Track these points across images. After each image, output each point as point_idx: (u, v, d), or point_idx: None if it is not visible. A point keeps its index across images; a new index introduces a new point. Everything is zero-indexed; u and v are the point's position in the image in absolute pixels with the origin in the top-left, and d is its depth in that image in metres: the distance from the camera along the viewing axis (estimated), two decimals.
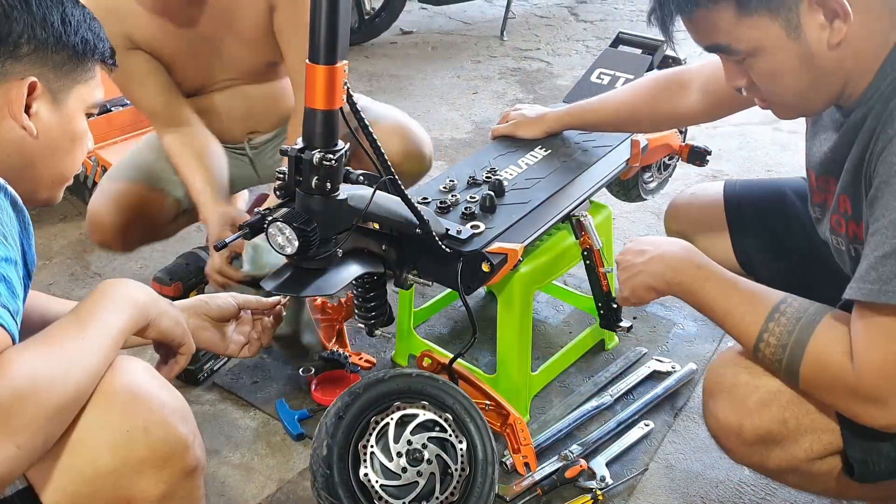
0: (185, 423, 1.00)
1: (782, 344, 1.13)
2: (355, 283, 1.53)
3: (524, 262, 1.58)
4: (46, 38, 1.02)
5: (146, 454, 0.95)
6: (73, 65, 1.06)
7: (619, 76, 2.01)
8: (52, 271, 2.30)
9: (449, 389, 1.41)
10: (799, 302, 1.14)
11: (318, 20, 1.14)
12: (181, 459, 0.99)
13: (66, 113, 1.07)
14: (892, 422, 1.05)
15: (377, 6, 4.21)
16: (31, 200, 1.12)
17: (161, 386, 1.01)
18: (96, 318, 0.96)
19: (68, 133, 1.08)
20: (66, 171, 1.12)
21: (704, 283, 1.24)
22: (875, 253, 1.03)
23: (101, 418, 0.93)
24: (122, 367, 0.98)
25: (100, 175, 2.47)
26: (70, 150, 1.10)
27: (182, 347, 1.15)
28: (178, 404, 1.01)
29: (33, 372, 0.84)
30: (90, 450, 0.93)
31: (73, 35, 1.05)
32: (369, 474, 1.32)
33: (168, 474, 0.98)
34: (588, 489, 1.53)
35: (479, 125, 3.28)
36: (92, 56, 1.08)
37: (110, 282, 1.04)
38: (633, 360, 1.90)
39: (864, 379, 1.04)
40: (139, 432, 0.95)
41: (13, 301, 0.88)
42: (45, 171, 1.09)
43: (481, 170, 1.77)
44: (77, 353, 0.91)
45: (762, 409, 1.18)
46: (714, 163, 2.74)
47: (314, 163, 1.22)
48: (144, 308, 1.05)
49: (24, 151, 1.04)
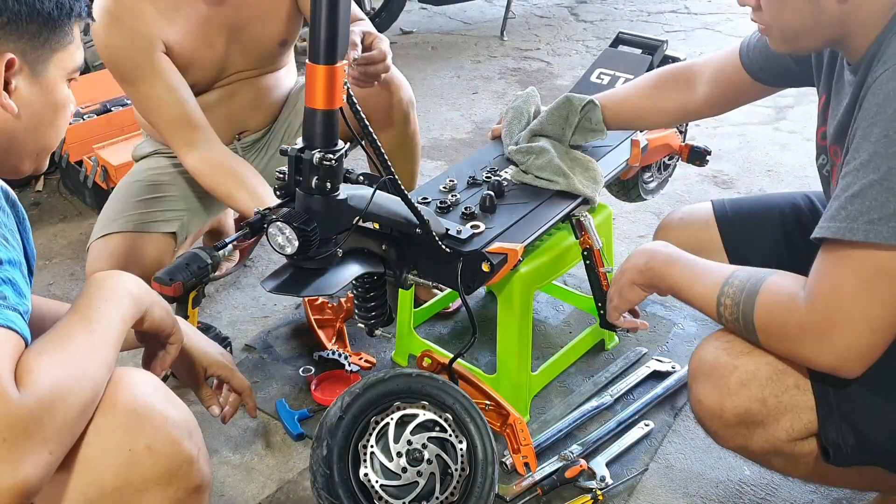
0: (190, 439, 0.99)
1: (736, 302, 1.18)
2: (355, 283, 1.52)
3: (524, 262, 1.58)
4: (19, 9, 0.96)
5: (150, 473, 0.94)
6: (49, 32, 1.00)
7: (619, 76, 2.01)
8: (52, 271, 2.30)
9: (449, 389, 1.41)
10: (750, 268, 1.21)
11: (318, 20, 1.14)
12: (186, 476, 0.98)
13: (47, 84, 1.03)
14: (836, 359, 1.08)
15: (377, 6, 4.22)
16: (16, 174, 1.09)
17: (165, 399, 0.99)
18: (99, 313, 0.96)
19: (50, 104, 1.04)
20: (51, 141, 1.08)
21: (672, 266, 1.32)
22: (845, 193, 1.07)
23: (104, 438, 0.92)
24: (124, 380, 0.96)
25: (100, 175, 2.47)
26: (53, 120, 1.06)
27: (172, 337, 1.14)
28: (183, 418, 0.99)
29: (55, 379, 0.85)
30: (93, 471, 0.92)
31: (47, 1, 0.99)
32: (369, 474, 1.32)
33: (173, 491, 0.97)
34: (588, 489, 1.53)
35: (479, 125, 3.28)
36: (68, 18, 1.03)
37: (102, 275, 1.03)
38: (633, 360, 1.90)
39: (811, 308, 1.08)
40: (142, 451, 0.94)
41: (22, 302, 0.88)
42: (30, 146, 1.05)
43: (481, 170, 1.77)
44: (89, 350, 0.91)
45: (741, 389, 1.21)
46: (714, 163, 2.74)
47: (314, 163, 1.22)
48: (139, 299, 1.05)
49: (6, 129, 1.01)
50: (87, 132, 2.60)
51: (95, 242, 1.78)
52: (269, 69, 1.91)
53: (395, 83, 1.87)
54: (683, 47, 4.02)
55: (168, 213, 1.84)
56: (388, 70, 1.65)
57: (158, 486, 0.95)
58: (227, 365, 1.28)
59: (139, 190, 1.86)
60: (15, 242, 0.92)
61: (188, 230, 1.89)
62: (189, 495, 0.99)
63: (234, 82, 1.87)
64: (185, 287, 1.63)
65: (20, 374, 0.83)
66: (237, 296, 2.18)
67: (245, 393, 1.31)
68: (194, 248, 2.01)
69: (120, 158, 2.44)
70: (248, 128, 1.96)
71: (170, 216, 1.84)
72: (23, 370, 0.83)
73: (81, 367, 0.88)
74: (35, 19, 0.98)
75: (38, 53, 1.00)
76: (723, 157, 2.93)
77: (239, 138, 1.96)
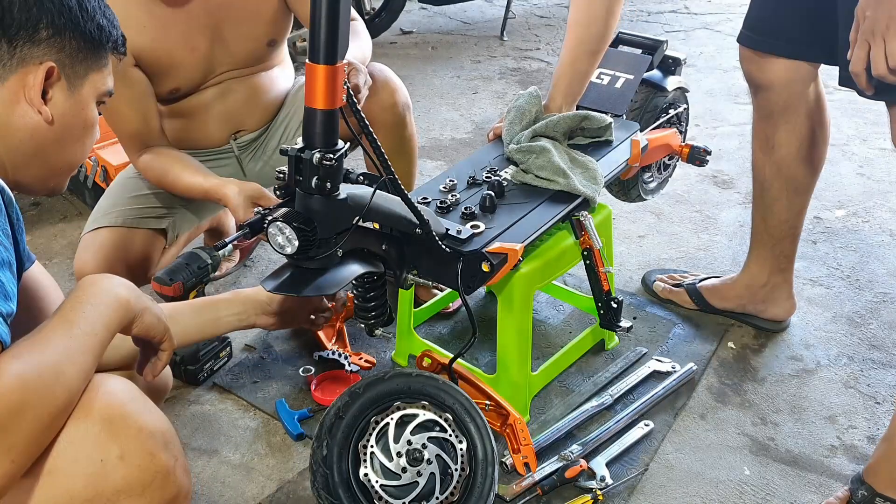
0: (166, 449, 0.96)
1: None
2: (355, 283, 1.53)
3: (524, 262, 1.58)
4: (64, 24, 1.02)
5: (122, 484, 0.92)
6: (88, 51, 1.06)
7: (619, 76, 2.01)
8: (52, 271, 2.28)
9: (449, 389, 1.41)
10: None
11: (318, 20, 1.14)
12: (161, 488, 0.95)
13: (80, 100, 1.07)
14: None
15: (377, 6, 4.21)
16: (38, 189, 1.13)
17: (142, 408, 0.97)
18: (83, 318, 0.94)
19: (81, 120, 1.08)
20: (75, 159, 1.12)
21: None
22: None
23: (76, 446, 0.90)
24: (101, 388, 0.94)
25: (100, 175, 2.47)
26: (80, 137, 1.10)
27: (163, 344, 1.12)
28: (160, 428, 0.97)
29: (25, 384, 0.82)
30: (64, 479, 0.90)
31: (90, 21, 1.05)
32: (369, 474, 1.32)
33: (146, 502, 0.95)
34: (588, 489, 1.53)
35: (479, 125, 3.28)
36: (107, 43, 1.09)
37: (92, 278, 1.01)
38: (633, 360, 1.90)
39: None
40: (115, 461, 0.91)
41: (6, 304, 0.87)
42: (55, 159, 1.08)
43: (481, 170, 1.77)
44: (66, 356, 0.89)
45: None
46: (714, 163, 2.74)
47: (314, 163, 1.22)
48: (128, 304, 1.02)
49: (37, 137, 1.04)
50: None
51: (86, 235, 1.82)
52: (260, 68, 1.91)
53: (390, 87, 1.87)
54: (683, 47, 4.02)
55: (160, 209, 1.86)
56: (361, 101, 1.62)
57: (131, 497, 0.93)
58: None
59: (133, 186, 1.88)
60: (8, 243, 0.91)
61: (179, 228, 1.90)
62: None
63: (227, 80, 1.86)
64: (185, 287, 1.63)
65: None
66: None
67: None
68: (194, 248, 2.01)
69: (120, 158, 2.43)
70: (244, 126, 1.96)
71: (161, 213, 1.86)
72: None
73: (55, 374, 0.86)
74: (77, 37, 1.04)
75: (77, 69, 1.06)
76: (723, 157, 2.93)
77: (235, 138, 1.96)
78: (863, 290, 2.18)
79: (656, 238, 2.44)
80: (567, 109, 1.84)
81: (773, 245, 1.94)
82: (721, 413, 1.76)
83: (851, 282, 2.21)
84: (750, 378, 1.86)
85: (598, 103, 1.97)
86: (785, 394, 1.82)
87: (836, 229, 2.49)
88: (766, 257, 1.96)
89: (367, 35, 1.84)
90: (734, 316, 2.03)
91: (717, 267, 2.28)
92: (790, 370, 1.89)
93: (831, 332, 2.02)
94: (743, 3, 1.89)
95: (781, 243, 1.93)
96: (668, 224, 2.52)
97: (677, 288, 2.09)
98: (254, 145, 2.00)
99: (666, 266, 2.28)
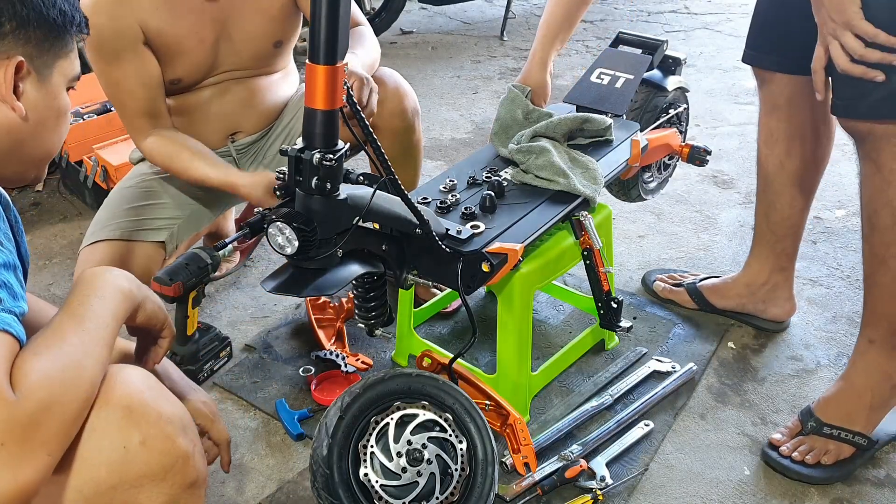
0: (184, 434, 0.99)
1: None
2: (355, 283, 1.53)
3: (524, 262, 1.58)
4: (27, 15, 0.99)
5: (144, 469, 0.94)
6: (53, 39, 1.04)
7: (620, 76, 2.01)
8: (52, 271, 2.30)
9: (449, 389, 1.41)
10: None
11: (318, 20, 1.14)
12: (181, 472, 0.98)
13: (51, 90, 1.05)
14: None
15: (377, 6, 4.21)
16: (18, 181, 1.11)
17: (159, 395, 0.99)
18: (92, 312, 0.96)
19: (54, 110, 1.07)
20: (52, 148, 1.11)
21: None
22: None
23: (99, 435, 0.92)
24: (118, 377, 0.96)
25: (100, 175, 2.47)
26: (55, 126, 1.08)
27: (164, 331, 1.14)
28: (178, 414, 1.00)
29: (52, 380, 0.85)
30: (89, 468, 0.92)
31: (52, 8, 1.02)
32: (369, 474, 1.32)
33: (169, 486, 0.97)
34: (588, 489, 1.53)
35: (479, 125, 3.28)
36: (70, 27, 1.06)
37: (93, 271, 1.03)
38: (633, 360, 1.90)
39: None
40: (137, 448, 0.94)
41: (17, 304, 0.88)
42: (33, 151, 1.07)
43: (481, 170, 1.77)
44: (83, 350, 0.91)
45: None
46: (714, 163, 2.75)
47: (314, 163, 1.22)
48: (131, 294, 1.05)
49: (14, 134, 1.02)
50: (87, 132, 2.60)
51: (84, 249, 1.80)
52: (262, 71, 1.90)
53: (400, 92, 1.87)
54: (683, 47, 4.02)
55: (158, 220, 1.84)
56: (371, 115, 1.61)
57: (154, 482, 0.95)
58: (208, 414, 1.23)
59: (131, 196, 1.86)
60: (10, 245, 0.92)
61: (178, 239, 1.89)
62: (185, 491, 0.99)
63: (226, 81, 1.85)
64: (185, 287, 1.63)
65: (16, 377, 0.83)
66: (237, 296, 2.18)
67: (223, 446, 1.25)
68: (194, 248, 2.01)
69: (120, 158, 2.44)
70: (240, 128, 1.95)
71: (160, 224, 1.84)
72: (18, 373, 0.83)
73: (77, 368, 0.89)
74: (41, 26, 1.02)
75: (44, 59, 1.03)
76: (723, 157, 2.93)
77: (233, 140, 1.95)
78: (862, 290, 2.18)
79: (656, 238, 2.44)
80: (541, 75, 1.90)
81: (775, 243, 1.94)
82: (721, 413, 1.76)
83: (851, 282, 2.21)
84: (750, 378, 1.86)
85: (598, 103, 1.97)
86: (785, 394, 1.82)
87: (836, 229, 2.49)
88: (767, 255, 1.96)
89: (375, 41, 1.84)
90: (734, 316, 2.03)
91: (717, 267, 2.28)
92: (790, 370, 1.89)
93: (831, 332, 2.02)
94: (743, 3, 1.89)
95: (783, 241, 1.93)
96: (668, 224, 2.52)
97: (677, 288, 2.09)
98: (252, 149, 1.99)
99: (666, 266, 2.28)
